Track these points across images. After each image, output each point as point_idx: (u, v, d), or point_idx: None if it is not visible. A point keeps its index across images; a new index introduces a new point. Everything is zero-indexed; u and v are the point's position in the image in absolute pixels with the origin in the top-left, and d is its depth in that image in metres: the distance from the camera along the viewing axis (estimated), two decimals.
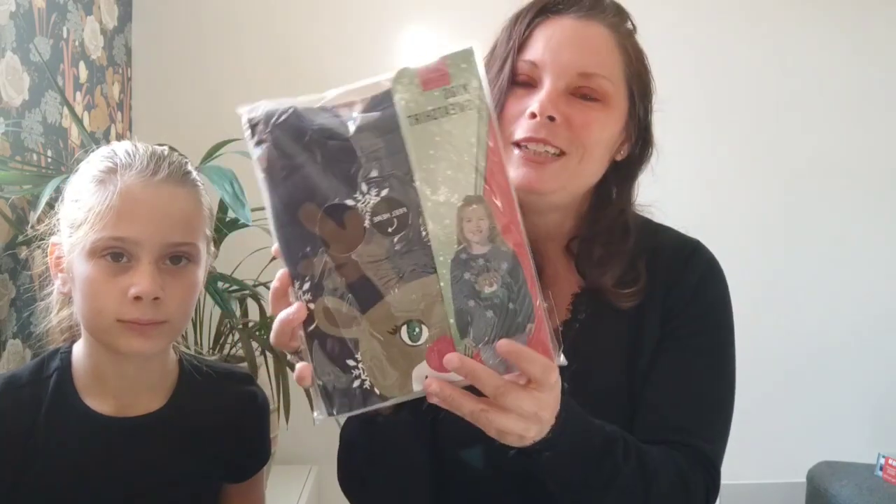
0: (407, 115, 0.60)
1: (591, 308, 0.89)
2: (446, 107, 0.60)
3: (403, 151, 0.60)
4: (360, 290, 0.60)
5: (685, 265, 0.90)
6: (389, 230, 0.60)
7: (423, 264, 0.60)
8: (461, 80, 0.60)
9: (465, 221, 0.60)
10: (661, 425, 0.85)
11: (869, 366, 2.60)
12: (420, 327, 0.60)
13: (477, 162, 0.60)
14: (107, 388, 0.90)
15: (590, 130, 0.83)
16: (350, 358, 0.60)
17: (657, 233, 0.94)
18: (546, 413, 0.63)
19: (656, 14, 2.43)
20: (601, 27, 0.85)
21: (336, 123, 0.61)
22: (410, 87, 0.61)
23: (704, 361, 0.89)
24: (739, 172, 2.55)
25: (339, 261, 0.60)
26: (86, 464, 0.88)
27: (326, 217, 0.60)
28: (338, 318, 0.60)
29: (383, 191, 0.60)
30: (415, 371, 0.60)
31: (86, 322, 0.86)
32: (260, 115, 0.62)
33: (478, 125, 0.60)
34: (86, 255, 0.82)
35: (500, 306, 0.60)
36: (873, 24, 2.57)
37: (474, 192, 0.60)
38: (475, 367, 0.59)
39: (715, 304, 0.91)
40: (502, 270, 0.60)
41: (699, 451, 0.84)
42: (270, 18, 2.36)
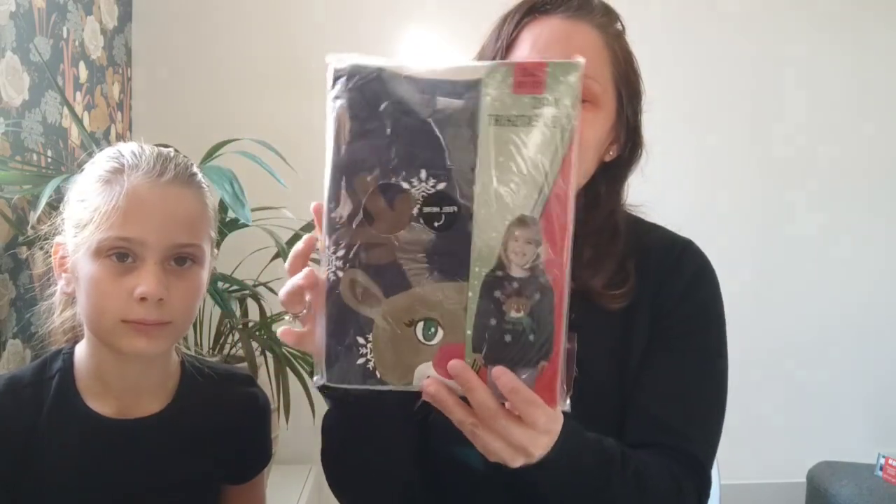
0: (489, 112, 0.57)
1: (582, 309, 0.89)
2: (531, 116, 0.57)
3: (473, 149, 0.58)
4: (389, 273, 0.59)
5: (675, 264, 0.90)
6: (436, 224, 0.58)
7: (458, 269, 0.58)
8: (556, 93, 0.57)
9: (512, 240, 0.57)
10: (653, 427, 0.85)
11: (869, 366, 2.60)
12: (437, 328, 0.59)
13: (544, 183, 0.57)
14: (109, 389, 0.90)
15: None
16: (361, 336, 0.60)
17: (648, 232, 0.93)
18: (537, 451, 0.62)
19: (653, 12, 2.44)
20: (589, 27, 0.84)
21: (417, 99, 0.58)
22: (502, 85, 0.57)
23: (696, 362, 0.88)
24: (739, 172, 2.55)
25: (379, 240, 0.59)
26: (87, 465, 0.87)
27: (378, 193, 0.59)
28: (361, 294, 0.59)
29: (440, 183, 0.58)
30: (419, 367, 0.60)
31: (89, 322, 0.86)
32: (345, 69, 0.60)
33: (558, 146, 0.57)
34: (91, 255, 0.82)
35: (521, 334, 0.58)
36: (872, 23, 2.57)
37: (530, 212, 0.57)
38: (474, 382, 0.58)
39: (706, 303, 0.91)
40: (534, 300, 0.58)
41: (691, 455, 0.84)
42: (270, 18, 2.36)
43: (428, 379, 0.59)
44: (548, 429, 0.61)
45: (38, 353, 1.43)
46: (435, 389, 0.59)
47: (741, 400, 0.94)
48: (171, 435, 0.91)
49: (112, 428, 0.89)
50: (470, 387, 0.58)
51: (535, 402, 0.59)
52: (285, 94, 2.31)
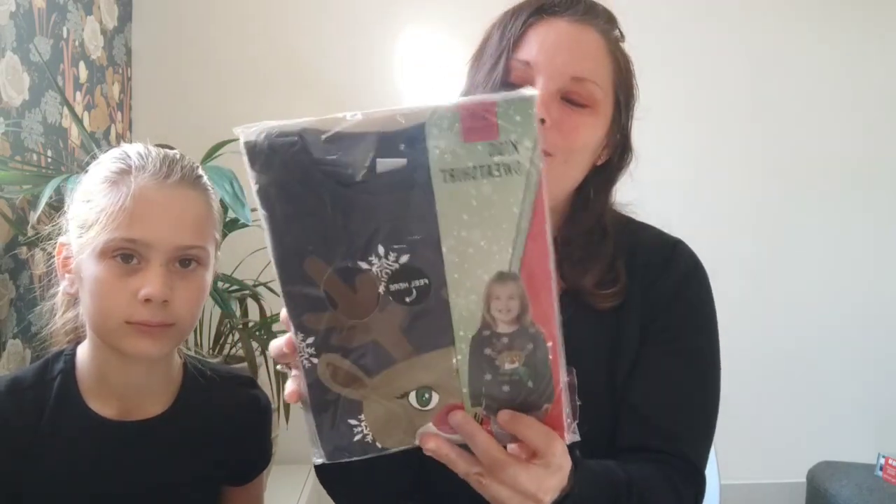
0: (441, 168, 0.51)
1: (573, 309, 0.89)
2: (490, 166, 0.51)
3: (432, 212, 0.51)
4: (368, 353, 0.55)
5: (665, 264, 0.90)
6: (407, 300, 0.53)
7: (441, 336, 0.54)
8: (512, 135, 0.50)
9: (494, 299, 0.53)
10: (646, 430, 0.84)
11: (869, 366, 2.60)
12: (431, 393, 0.56)
13: (516, 235, 0.52)
14: (111, 391, 0.89)
15: (577, 135, 0.83)
16: (353, 418, 0.57)
17: (638, 232, 0.93)
18: (546, 496, 0.61)
19: (652, 12, 2.44)
20: (594, 32, 0.84)
21: (352, 164, 0.51)
22: (449, 133, 0.50)
23: (687, 363, 0.88)
24: (738, 171, 2.55)
25: (347, 324, 0.54)
26: (88, 467, 0.87)
27: (336, 278, 0.53)
28: (342, 378, 0.56)
29: (403, 256, 0.52)
30: (419, 430, 0.58)
31: (93, 323, 0.86)
32: (261, 142, 0.51)
33: (524, 193, 0.51)
34: (96, 255, 0.82)
35: (519, 383, 0.56)
36: (872, 22, 2.57)
37: (508, 268, 0.53)
38: (475, 432, 0.57)
39: (697, 304, 0.90)
40: (527, 350, 0.55)
41: (685, 458, 0.84)
42: (271, 18, 2.36)
43: (426, 434, 0.57)
44: (559, 465, 0.60)
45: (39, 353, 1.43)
46: (435, 444, 0.57)
47: (741, 400, 0.94)
48: (172, 437, 0.91)
49: (114, 430, 0.89)
50: (473, 436, 0.57)
51: (554, 436, 0.57)
52: (286, 94, 2.31)
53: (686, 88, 2.46)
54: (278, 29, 2.36)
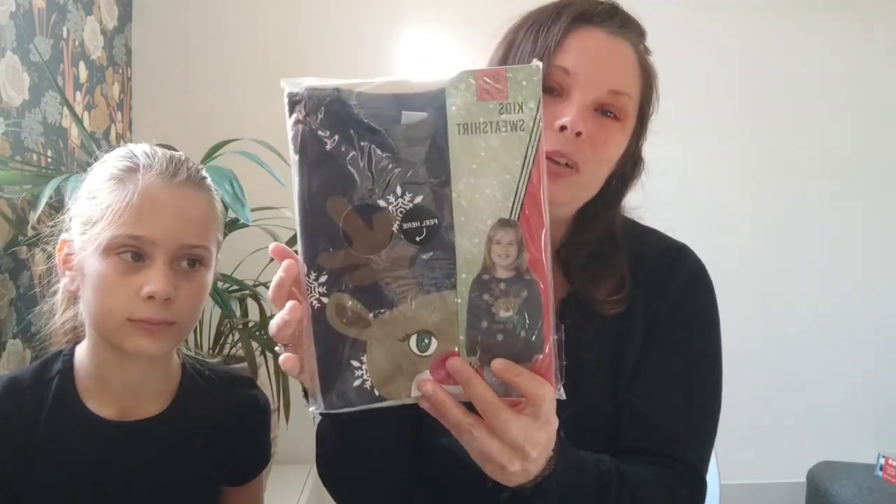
0: (456, 122, 0.58)
1: (577, 314, 0.89)
2: (498, 122, 0.58)
3: (445, 160, 0.58)
4: (376, 293, 0.59)
5: (670, 270, 0.90)
6: (417, 239, 0.58)
7: (445, 278, 0.59)
8: (519, 97, 0.58)
9: (495, 244, 0.58)
10: (648, 434, 0.85)
11: (869, 366, 2.60)
12: (430, 339, 0.59)
13: (518, 186, 0.58)
14: (109, 390, 0.89)
15: (607, 148, 0.84)
16: (355, 359, 0.60)
17: (642, 235, 0.93)
18: (534, 451, 0.62)
19: (660, 12, 2.44)
20: (628, 46, 0.85)
21: (381, 116, 0.58)
22: (466, 93, 0.58)
23: (690, 368, 0.88)
24: (740, 171, 2.55)
25: (361, 261, 0.59)
26: (86, 467, 0.87)
27: (355, 214, 0.58)
28: (349, 317, 0.59)
29: (417, 197, 0.58)
30: (416, 378, 0.60)
31: (94, 320, 0.85)
32: (301, 93, 0.59)
33: (527, 148, 0.58)
34: (100, 252, 0.82)
35: (513, 332, 0.59)
36: (872, 23, 2.57)
37: (509, 215, 0.58)
38: (471, 376, 0.59)
39: (701, 309, 0.91)
40: (521, 298, 0.59)
41: (686, 462, 0.84)
42: (271, 18, 2.37)
43: (422, 380, 0.59)
44: (548, 417, 0.61)
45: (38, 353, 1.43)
46: (431, 388, 0.59)
47: (741, 400, 0.94)
48: (170, 437, 0.91)
49: (112, 430, 0.89)
50: (469, 381, 0.59)
51: (543, 382, 0.59)
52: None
53: (686, 91, 2.46)
54: (278, 28, 2.36)
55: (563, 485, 0.67)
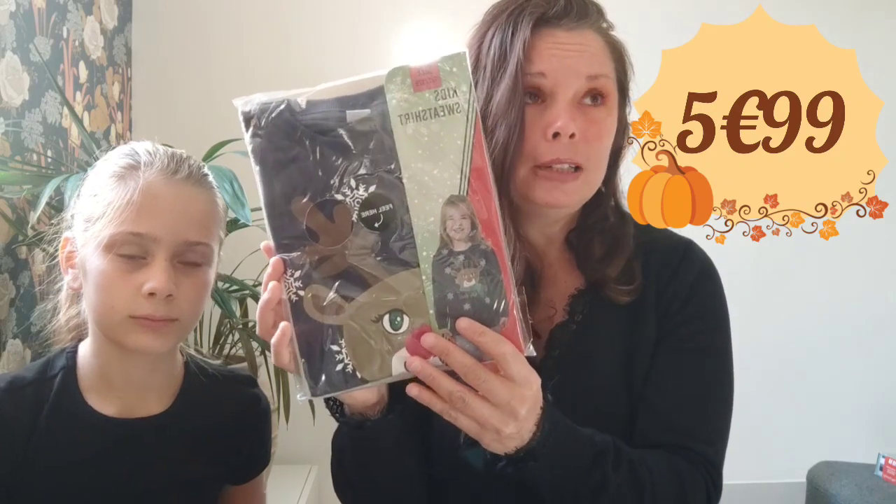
0: (398, 114, 0.63)
1: (588, 309, 0.90)
2: (436, 108, 0.63)
3: (393, 149, 0.63)
4: (347, 280, 0.63)
5: (679, 265, 0.91)
6: (376, 225, 0.63)
7: (407, 258, 0.63)
8: (452, 83, 0.63)
9: (448, 219, 0.63)
10: (662, 428, 0.86)
11: (869, 366, 2.60)
12: (402, 317, 0.64)
13: (462, 163, 0.63)
14: (112, 388, 0.89)
15: (602, 140, 0.85)
16: (335, 343, 0.64)
17: (649, 233, 0.94)
18: (522, 407, 0.64)
19: (656, 11, 2.44)
20: (592, 32, 0.86)
21: (328, 118, 0.63)
22: (403, 86, 0.63)
23: (703, 363, 0.89)
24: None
25: (328, 252, 0.63)
26: (87, 465, 0.87)
27: (316, 211, 0.63)
28: (325, 306, 0.63)
29: (371, 187, 0.63)
30: (395, 356, 0.64)
31: (97, 317, 0.86)
32: (254, 109, 0.64)
33: (465, 128, 0.63)
34: (102, 249, 0.82)
35: (478, 300, 0.63)
36: (873, 23, 2.57)
37: (458, 192, 0.63)
38: (448, 346, 0.63)
39: (711, 304, 0.92)
40: (480, 267, 0.63)
41: (700, 454, 0.85)
42: (271, 18, 2.37)
43: (410, 357, 0.63)
44: (524, 377, 0.64)
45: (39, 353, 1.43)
46: (419, 364, 0.63)
47: (741, 400, 0.95)
48: (172, 435, 0.91)
49: (114, 427, 0.88)
50: (447, 352, 0.63)
51: (502, 339, 0.63)
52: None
53: None
54: (278, 28, 2.36)
55: (555, 447, 0.69)
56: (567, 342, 0.88)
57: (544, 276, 0.90)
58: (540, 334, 0.89)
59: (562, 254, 0.93)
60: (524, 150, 0.81)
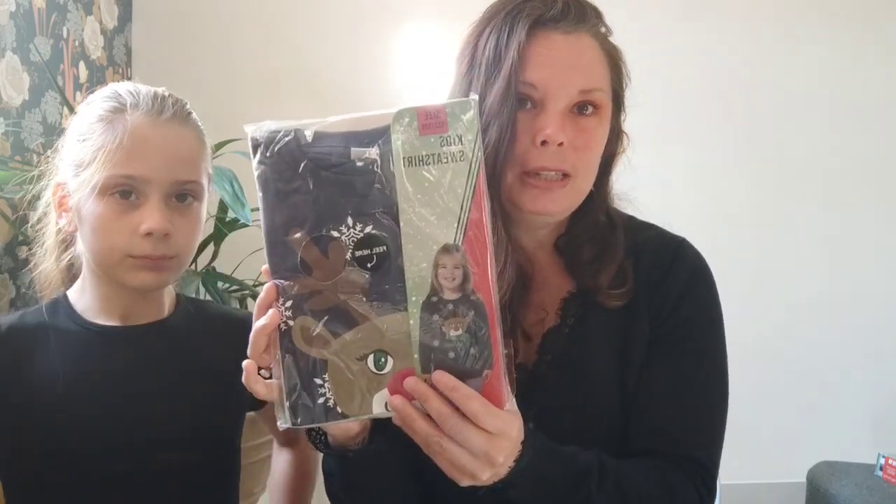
0: (401, 156, 0.63)
1: (581, 312, 0.89)
2: (440, 154, 0.63)
3: (392, 191, 0.63)
4: (335, 316, 0.64)
5: (671, 265, 0.90)
6: (368, 265, 0.63)
7: (396, 301, 0.63)
8: (458, 130, 0.63)
9: (441, 267, 0.63)
10: (654, 433, 0.85)
11: (869, 366, 2.60)
12: (386, 358, 0.64)
13: (461, 213, 0.63)
14: (108, 310, 0.91)
15: (591, 150, 0.84)
16: (318, 377, 0.64)
17: (640, 230, 0.93)
18: (499, 456, 0.64)
19: (656, 12, 2.45)
20: (589, 38, 0.84)
21: (333, 153, 0.63)
22: (409, 129, 0.63)
23: (697, 366, 0.88)
24: (741, 171, 2.55)
25: (319, 287, 0.64)
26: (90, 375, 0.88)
27: (312, 245, 0.63)
28: (312, 338, 0.64)
29: (367, 227, 0.63)
30: (376, 395, 0.64)
31: (96, 258, 0.87)
32: (262, 136, 0.64)
33: (467, 177, 0.63)
34: (96, 193, 0.84)
35: (462, 350, 0.63)
36: (869, 23, 2.57)
37: (453, 241, 0.63)
38: (427, 391, 0.62)
39: (704, 305, 0.90)
40: (469, 318, 0.63)
41: (693, 459, 0.84)
42: (270, 18, 2.36)
43: (392, 396, 0.63)
44: (500, 430, 0.64)
45: None
46: (399, 402, 0.63)
47: (741, 400, 0.94)
48: (173, 342, 0.93)
49: (115, 332, 0.90)
50: (425, 397, 0.62)
51: (473, 396, 0.62)
52: (286, 94, 2.31)
53: (685, 90, 2.46)
54: (278, 28, 2.36)
55: (534, 474, 0.69)
56: (559, 346, 0.88)
57: (535, 280, 0.89)
58: (532, 338, 0.88)
59: (552, 258, 0.92)
60: (514, 153, 0.81)
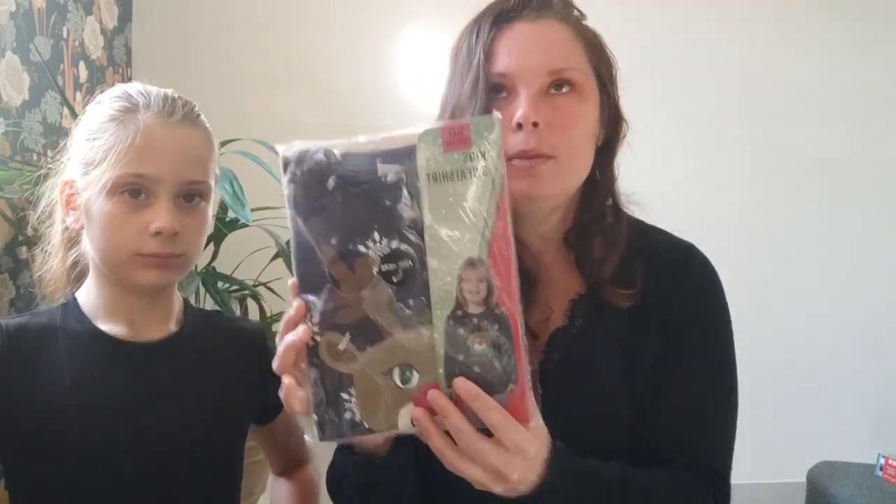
0: (426, 172, 0.64)
1: (589, 313, 0.89)
2: (464, 170, 0.64)
3: (418, 206, 0.64)
4: (362, 330, 0.65)
5: (681, 271, 0.90)
6: (394, 280, 0.64)
7: (421, 315, 0.64)
8: (481, 147, 0.64)
9: (465, 282, 0.64)
10: (671, 443, 0.86)
11: (869, 366, 2.60)
12: (411, 372, 0.65)
13: (484, 227, 0.64)
14: (117, 316, 0.91)
15: (573, 129, 0.83)
16: (344, 391, 0.65)
17: (650, 235, 0.93)
18: (514, 474, 0.65)
19: (657, 13, 2.45)
20: (555, 22, 0.85)
21: (361, 171, 0.64)
22: (433, 146, 0.64)
23: (709, 375, 0.89)
24: (740, 171, 2.55)
25: (346, 301, 0.65)
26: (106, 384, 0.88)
27: (339, 259, 0.65)
28: (338, 353, 0.65)
29: (393, 242, 0.64)
30: (402, 410, 0.65)
31: (104, 256, 0.88)
32: (292, 155, 0.66)
33: (490, 192, 0.64)
34: (105, 192, 0.85)
35: (487, 364, 0.64)
36: (868, 23, 2.57)
37: (477, 255, 0.64)
38: (448, 406, 0.63)
39: (716, 312, 0.91)
40: (493, 331, 0.64)
41: (712, 469, 0.86)
42: (270, 18, 2.37)
43: (415, 408, 0.64)
44: (518, 446, 0.64)
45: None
46: (419, 414, 0.64)
47: (741, 400, 0.95)
48: (183, 359, 0.93)
49: (125, 347, 0.90)
50: (446, 412, 0.63)
51: (495, 407, 0.63)
52: (285, 94, 2.31)
53: (685, 93, 2.46)
54: (278, 28, 2.36)
55: (560, 495, 0.70)
56: (567, 347, 0.87)
57: (541, 279, 0.89)
58: (538, 336, 0.88)
59: (559, 255, 0.92)
60: None
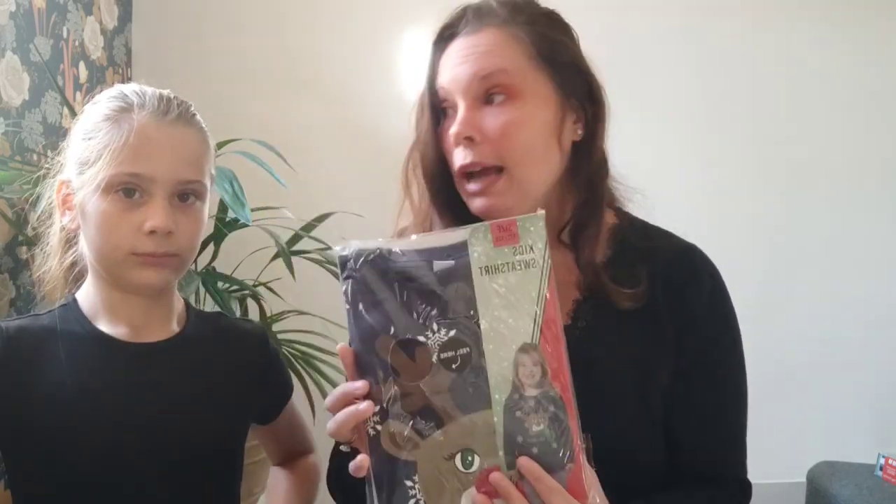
0: (479, 266, 0.69)
1: (592, 315, 0.88)
2: (513, 262, 0.69)
3: (472, 298, 0.68)
4: (423, 417, 0.68)
5: (692, 280, 0.89)
6: (454, 366, 0.68)
7: (481, 400, 0.67)
8: (528, 240, 0.69)
9: (521, 366, 0.67)
10: (697, 458, 0.88)
11: (869, 366, 2.60)
12: (473, 457, 0.67)
13: (536, 313, 0.68)
14: (117, 317, 0.91)
15: (514, 136, 0.82)
16: (408, 479, 0.68)
17: (654, 237, 0.92)
18: None
19: (657, 14, 2.44)
20: (492, 29, 0.84)
21: (416, 267, 0.69)
22: (484, 241, 0.69)
23: (725, 385, 0.90)
24: (741, 171, 2.55)
25: (407, 389, 0.68)
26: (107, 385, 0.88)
27: (399, 349, 0.68)
28: (400, 442, 0.68)
29: (451, 331, 0.68)
30: (464, 494, 0.68)
31: (99, 256, 0.88)
32: (350, 254, 0.70)
33: (539, 282, 0.68)
34: (100, 191, 0.85)
35: (545, 444, 0.67)
36: (874, 22, 2.57)
37: (531, 340, 0.68)
38: (510, 489, 0.66)
39: (727, 319, 0.92)
40: (549, 412, 0.67)
41: (737, 480, 0.89)
42: (271, 18, 2.36)
43: (476, 494, 0.67)
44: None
45: None
46: (483, 500, 0.66)
47: None
48: (184, 361, 0.93)
49: (126, 349, 0.90)
50: (509, 494, 0.66)
51: (557, 490, 0.66)
52: (285, 94, 2.31)
53: (687, 92, 2.46)
54: (278, 29, 2.36)
55: None
56: (570, 347, 0.87)
57: None
58: None
59: (561, 256, 0.90)
60: (451, 162, 0.84)
